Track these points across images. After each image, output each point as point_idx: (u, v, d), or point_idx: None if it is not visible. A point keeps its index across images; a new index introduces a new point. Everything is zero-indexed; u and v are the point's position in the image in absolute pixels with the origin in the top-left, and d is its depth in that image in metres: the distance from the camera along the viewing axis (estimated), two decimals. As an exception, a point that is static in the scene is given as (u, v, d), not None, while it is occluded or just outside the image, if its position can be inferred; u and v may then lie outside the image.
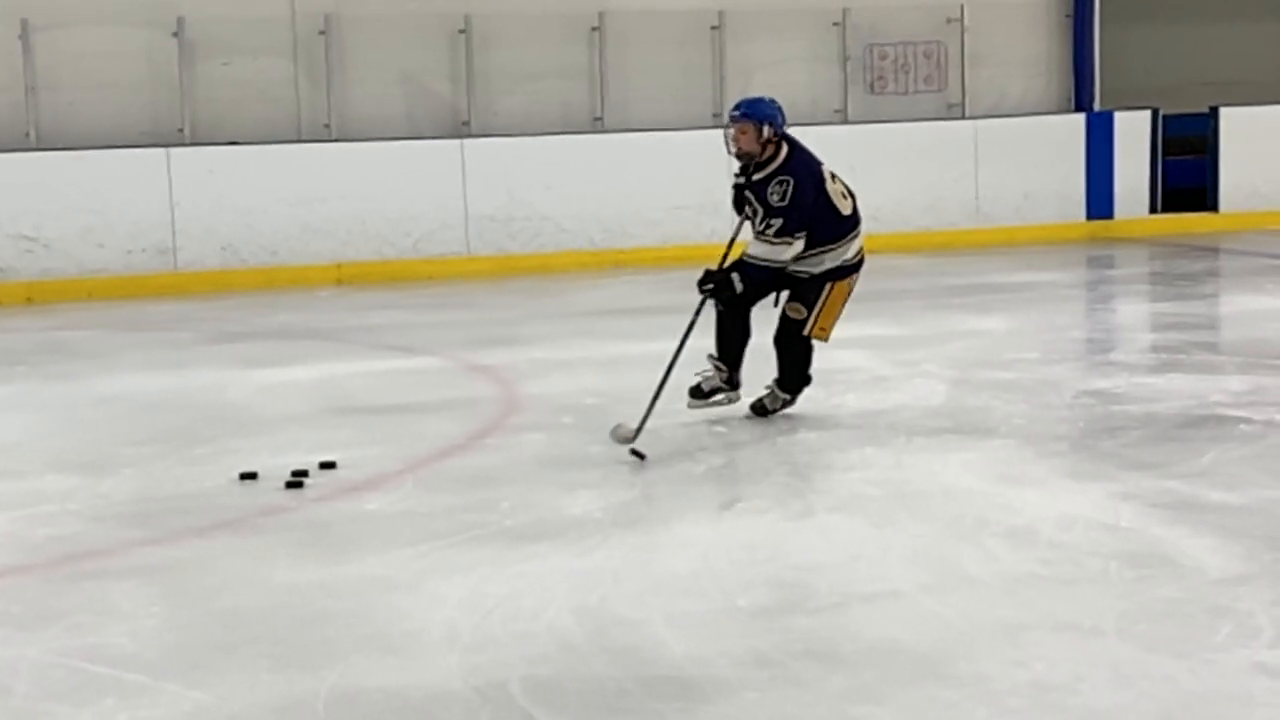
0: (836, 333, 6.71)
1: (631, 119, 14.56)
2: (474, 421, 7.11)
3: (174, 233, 12.89)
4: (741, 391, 6.83)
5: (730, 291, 6.59)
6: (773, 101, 6.72)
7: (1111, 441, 6.32)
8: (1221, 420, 6.63)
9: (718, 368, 6.80)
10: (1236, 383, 7.40)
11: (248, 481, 5.95)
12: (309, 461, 6.11)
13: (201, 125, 13.58)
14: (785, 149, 6.61)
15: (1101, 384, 7.57)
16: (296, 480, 5.88)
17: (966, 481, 5.70)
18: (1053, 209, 15.05)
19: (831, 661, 3.89)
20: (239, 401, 7.86)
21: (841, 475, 5.93)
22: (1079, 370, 8.11)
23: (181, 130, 13.47)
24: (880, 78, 15.39)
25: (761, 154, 6.57)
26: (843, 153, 13.87)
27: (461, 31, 14.17)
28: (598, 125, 14.53)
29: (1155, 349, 9.01)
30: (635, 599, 4.41)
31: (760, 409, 6.78)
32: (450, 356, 9.06)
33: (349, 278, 13.20)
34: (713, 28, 14.82)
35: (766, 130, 6.54)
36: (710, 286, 6.59)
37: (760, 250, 6.57)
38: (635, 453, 6.05)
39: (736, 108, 6.69)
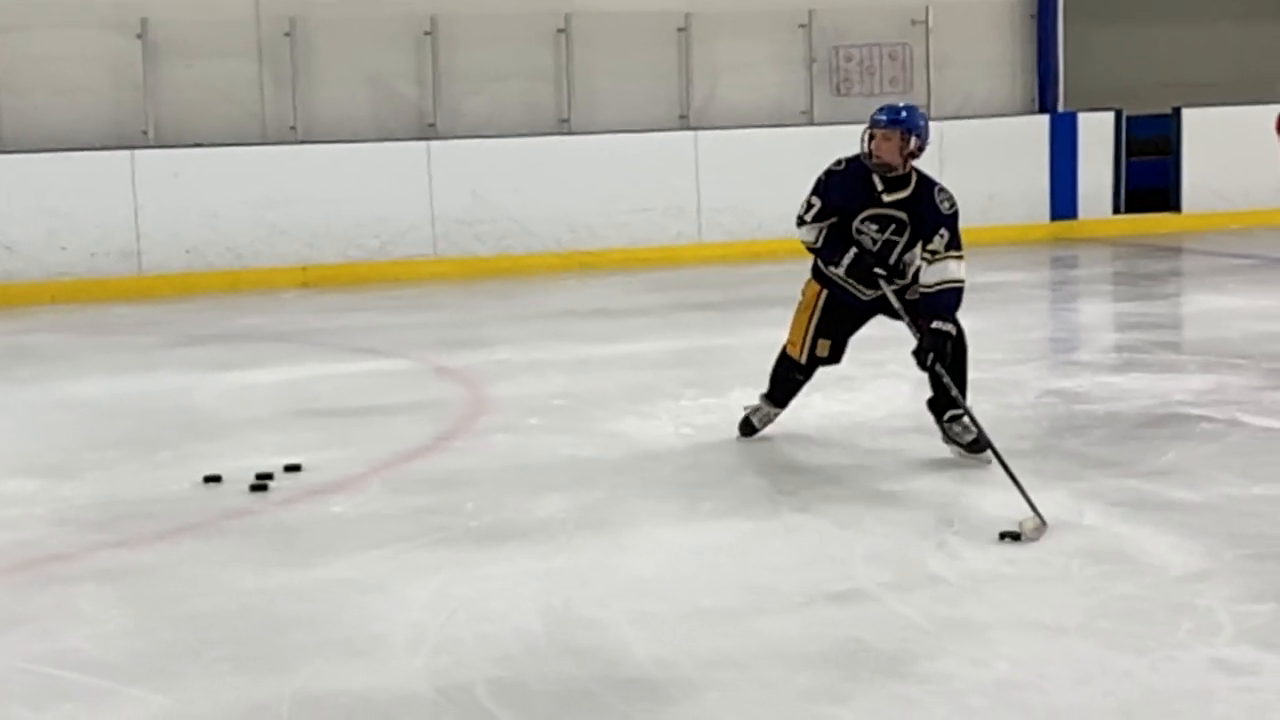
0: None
1: (598, 121, 14.57)
2: (441, 423, 7.10)
3: (138, 235, 12.84)
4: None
5: (950, 343, 5.87)
6: (923, 113, 6.05)
7: (1074, 440, 6.36)
8: (1183, 419, 6.68)
9: (774, 411, 6.52)
10: (1198, 381, 7.46)
11: (212, 485, 5.93)
12: (274, 464, 6.09)
13: (166, 128, 13.52)
14: (914, 168, 6.01)
15: (1065, 383, 7.62)
16: (261, 483, 5.87)
17: (930, 481, 5.73)
18: (1017, 210, 15.13)
19: (796, 661, 3.90)
20: (203, 405, 7.83)
21: (806, 476, 5.95)
22: (1043, 370, 8.16)
23: (145, 133, 13.42)
24: (846, 80, 15.44)
25: (902, 167, 5.94)
26: (808, 154, 13.91)
27: (427, 33, 14.16)
28: (564, 127, 14.53)
29: (1118, 348, 9.07)
30: (601, 601, 4.41)
31: (978, 445, 5.88)
32: (417, 359, 9.05)
33: (315, 280, 13.16)
34: (679, 29, 14.84)
35: (914, 142, 5.89)
36: (932, 357, 5.81)
37: (935, 274, 5.85)
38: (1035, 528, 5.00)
39: (881, 112, 5.97)
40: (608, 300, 11.75)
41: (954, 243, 5.88)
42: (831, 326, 6.29)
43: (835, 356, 6.35)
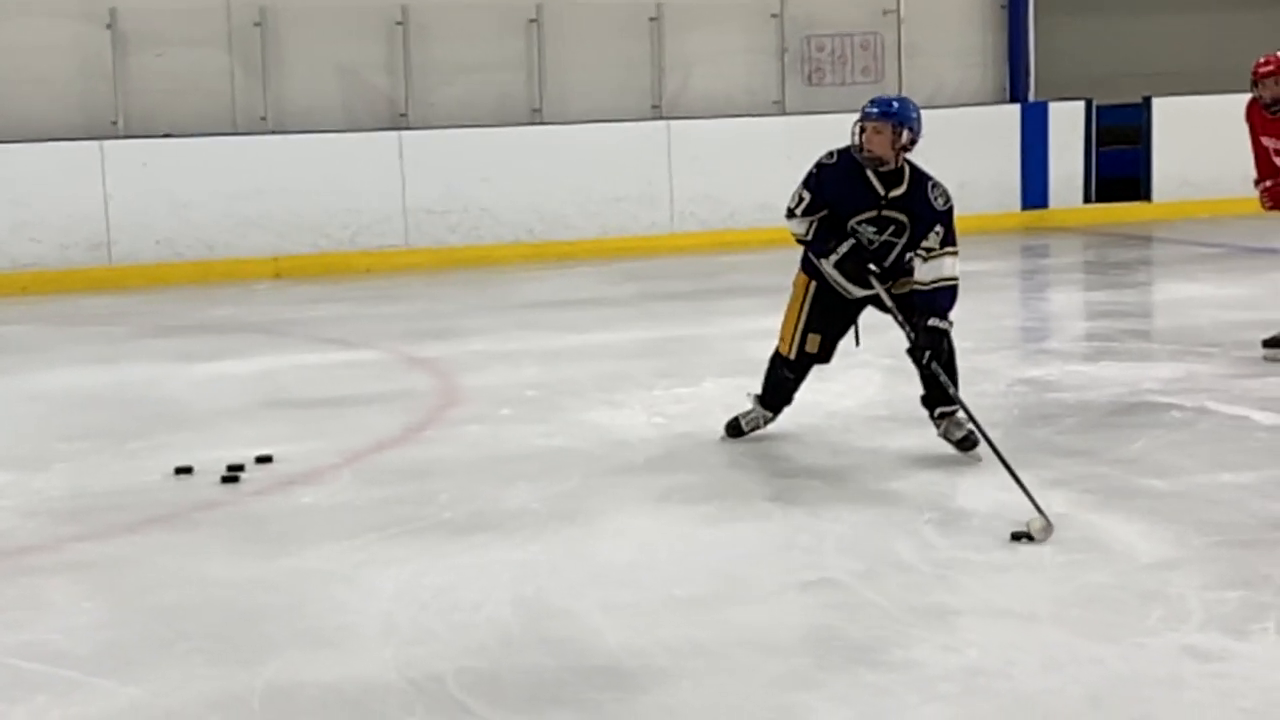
0: (772, 322, 6.63)
1: (570, 111, 14.54)
2: (412, 414, 7.09)
3: (108, 226, 12.77)
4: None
5: (946, 341, 5.80)
6: (915, 106, 5.90)
7: (1045, 429, 6.38)
8: (1153, 407, 6.71)
9: (766, 417, 6.32)
10: (1168, 370, 7.50)
11: (183, 476, 5.92)
12: (245, 455, 6.07)
13: (135, 118, 13.45)
14: (906, 161, 5.87)
15: (1035, 372, 7.65)
16: (232, 474, 5.85)
17: (902, 470, 5.75)
18: (988, 199, 15.13)
19: (767, 650, 3.92)
20: (175, 396, 7.80)
21: (778, 465, 5.95)
22: (1013, 359, 8.17)
23: (115, 123, 13.34)
24: (818, 69, 15.45)
25: (894, 161, 5.80)
26: (780, 144, 14.06)
27: (399, 23, 14.11)
28: (536, 117, 14.50)
29: (1089, 337, 9.11)
30: (572, 590, 4.42)
31: (969, 442, 5.86)
32: (388, 349, 9.03)
33: (286, 271, 13.12)
34: (651, 19, 14.82)
35: (905, 136, 5.75)
36: (929, 355, 5.69)
37: (931, 271, 5.73)
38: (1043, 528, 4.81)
39: (873, 104, 5.82)
40: (580, 290, 11.74)
41: (949, 239, 5.76)
42: (821, 320, 6.11)
43: (825, 354, 6.17)
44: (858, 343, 6.27)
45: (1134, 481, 5.47)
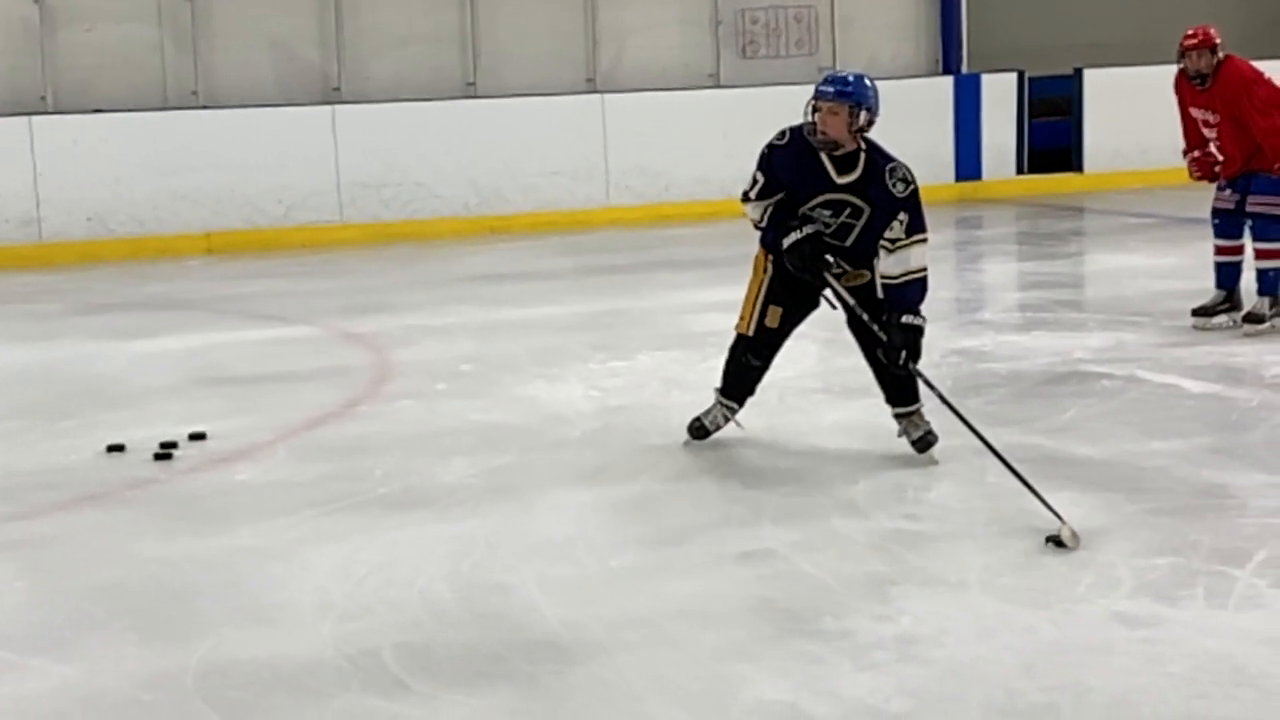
0: (708, 295, 6.69)
1: (504, 84, 14.48)
2: (347, 390, 7.06)
3: (38, 203, 12.62)
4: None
5: (919, 342, 5.43)
6: (872, 83, 5.43)
7: (978, 399, 6.41)
8: (1084, 376, 6.78)
9: (728, 409, 5.84)
10: (1099, 339, 7.57)
11: (115, 454, 5.86)
12: (178, 433, 6.03)
13: (65, 93, 13.29)
14: (864, 141, 5.42)
15: (969, 343, 7.70)
16: (165, 452, 5.81)
17: (837, 441, 5.78)
18: (922, 170, 14.67)
19: (703, 621, 3.93)
20: (107, 373, 7.73)
21: (713, 438, 5.94)
22: (947, 329, 8.19)
23: (44, 98, 13.18)
24: (752, 42, 15.45)
25: (850, 143, 5.37)
26: (716, 116, 14.09)
27: (330, -5, 14.03)
28: (470, 90, 14.44)
29: (1021, 307, 9.18)
30: (508, 564, 4.42)
31: (925, 442, 5.52)
32: (323, 325, 8.99)
33: (219, 247, 13.01)
34: (584, -9, 14.81)
35: (863, 116, 5.30)
36: (905, 358, 5.35)
37: (898, 264, 5.37)
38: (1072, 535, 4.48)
39: (828, 83, 5.33)
40: (515, 264, 11.72)
41: (915, 225, 5.40)
42: (783, 292, 5.63)
43: (787, 329, 5.73)
44: (844, 305, 5.69)
45: (1065, 450, 5.53)
